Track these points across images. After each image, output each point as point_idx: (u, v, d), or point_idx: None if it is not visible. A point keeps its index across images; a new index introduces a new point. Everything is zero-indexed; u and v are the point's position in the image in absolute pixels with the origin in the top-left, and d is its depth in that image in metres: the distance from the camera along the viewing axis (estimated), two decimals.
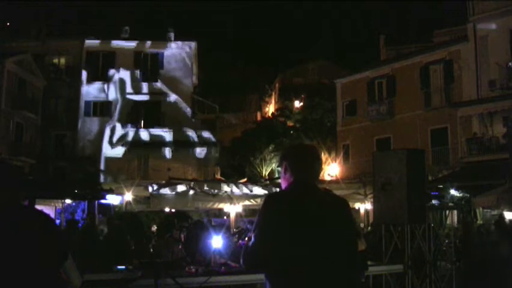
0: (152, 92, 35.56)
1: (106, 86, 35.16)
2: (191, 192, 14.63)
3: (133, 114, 34.81)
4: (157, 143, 34.37)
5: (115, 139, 34.34)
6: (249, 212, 18.73)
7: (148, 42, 36.10)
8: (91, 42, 35.41)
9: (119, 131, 34.53)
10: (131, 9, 62.91)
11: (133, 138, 34.30)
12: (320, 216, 2.63)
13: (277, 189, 8.61)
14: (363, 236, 9.58)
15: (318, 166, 2.86)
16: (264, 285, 2.65)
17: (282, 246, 2.53)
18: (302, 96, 42.89)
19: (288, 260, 2.52)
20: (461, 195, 16.67)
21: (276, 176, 33.37)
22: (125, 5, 63.48)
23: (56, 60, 35.28)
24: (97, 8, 59.12)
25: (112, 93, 34.96)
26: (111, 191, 18.62)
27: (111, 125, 34.60)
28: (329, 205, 2.74)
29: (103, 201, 19.51)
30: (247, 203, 15.07)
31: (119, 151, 33.98)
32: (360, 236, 7.44)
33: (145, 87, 35.59)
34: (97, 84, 35.12)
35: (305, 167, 2.79)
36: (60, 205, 21.46)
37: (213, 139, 35.27)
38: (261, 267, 2.66)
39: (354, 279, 2.83)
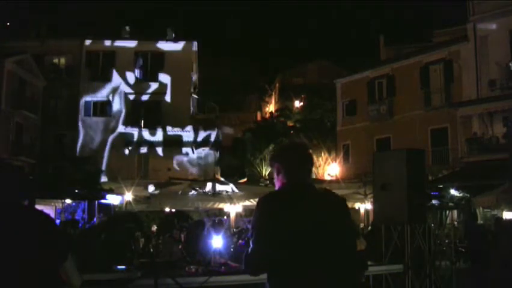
0: (152, 91, 35.55)
1: (105, 85, 35.17)
2: (191, 192, 14.64)
3: (133, 114, 34.81)
4: (157, 143, 34.37)
5: (115, 139, 34.38)
6: (248, 211, 18.75)
7: (149, 42, 36.09)
8: (91, 42, 35.41)
9: (119, 131, 34.55)
10: (131, 9, 62.95)
11: (133, 138, 34.31)
12: (316, 216, 2.60)
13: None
14: (362, 235, 9.58)
15: (309, 164, 2.83)
16: (265, 286, 2.64)
17: (279, 247, 2.51)
18: (302, 96, 42.87)
19: (287, 261, 2.51)
20: (461, 195, 16.66)
21: None
22: (125, 5, 63.45)
23: (56, 60, 35.28)
24: (97, 8, 59.08)
25: (116, 102, 34.98)
26: (111, 191, 18.63)
27: (112, 127, 34.64)
28: (325, 204, 2.71)
29: (103, 201, 19.51)
30: (247, 203, 15.09)
31: (119, 151, 33.98)
32: (359, 235, 7.44)
33: (145, 87, 35.59)
34: (97, 84, 35.11)
35: (297, 166, 2.75)
36: (61, 205, 21.48)
37: (213, 139, 35.26)
38: (263, 271, 2.64)
39: (353, 279, 2.82)
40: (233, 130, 42.61)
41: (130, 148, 34.10)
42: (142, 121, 34.69)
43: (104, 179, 29.22)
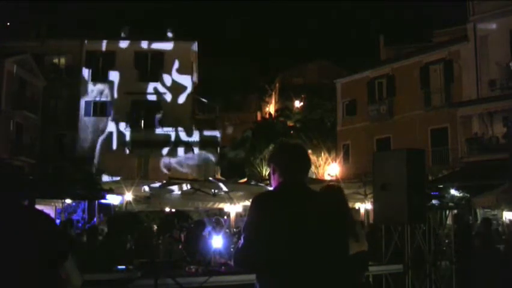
0: (152, 92, 35.54)
1: (106, 86, 35.17)
2: (191, 192, 14.60)
3: (133, 114, 34.80)
4: (157, 143, 34.35)
5: (115, 139, 34.37)
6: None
7: (148, 42, 36.08)
8: (91, 42, 35.40)
9: (119, 131, 34.55)
10: (131, 9, 62.93)
11: (133, 138, 34.29)
12: (314, 216, 2.59)
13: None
14: (364, 236, 9.56)
15: (305, 164, 2.82)
16: (255, 286, 2.62)
17: (278, 247, 2.50)
18: (302, 96, 42.89)
19: (286, 261, 2.49)
20: (461, 195, 16.64)
21: None
22: (125, 5, 63.43)
23: (56, 60, 35.28)
24: (97, 8, 59.07)
25: (116, 102, 35.00)
26: (111, 191, 18.59)
27: (111, 126, 34.61)
28: (318, 205, 2.70)
29: (103, 201, 19.48)
30: (247, 203, 15.06)
31: (119, 151, 33.97)
32: (361, 236, 7.42)
33: (145, 87, 35.58)
34: (97, 84, 35.11)
35: (292, 166, 2.75)
36: (61, 205, 21.46)
37: (213, 139, 35.26)
38: (250, 268, 2.64)
39: (353, 278, 2.82)
40: (233, 130, 42.62)
41: (130, 148, 34.06)
42: (142, 121, 34.68)
43: (104, 179, 29.18)
